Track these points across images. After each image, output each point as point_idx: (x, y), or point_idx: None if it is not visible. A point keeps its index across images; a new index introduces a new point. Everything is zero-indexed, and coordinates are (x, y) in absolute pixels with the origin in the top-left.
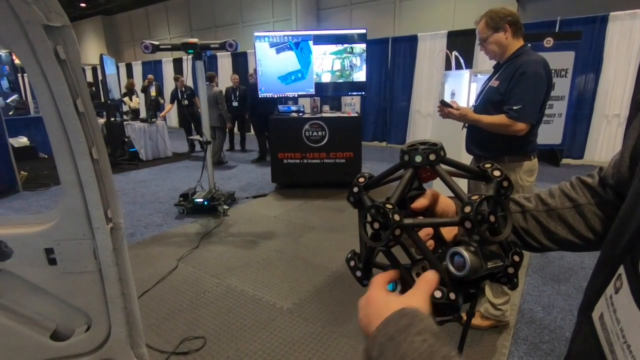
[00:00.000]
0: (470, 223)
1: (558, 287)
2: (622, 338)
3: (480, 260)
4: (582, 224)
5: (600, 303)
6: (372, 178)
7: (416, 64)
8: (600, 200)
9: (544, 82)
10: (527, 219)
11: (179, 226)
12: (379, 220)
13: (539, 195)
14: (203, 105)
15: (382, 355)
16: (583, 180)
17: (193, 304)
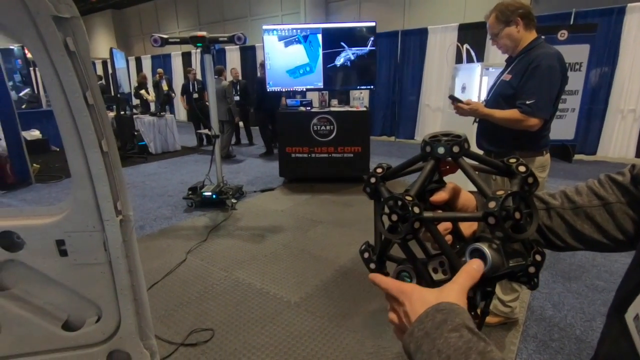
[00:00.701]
0: (494, 219)
1: (569, 284)
2: None
3: (502, 258)
4: (611, 224)
5: (636, 304)
6: (390, 169)
7: (426, 58)
8: (632, 198)
9: (558, 75)
10: (552, 216)
11: (188, 219)
12: (398, 212)
13: (565, 192)
14: (211, 99)
15: (419, 349)
16: (613, 177)
17: (201, 296)
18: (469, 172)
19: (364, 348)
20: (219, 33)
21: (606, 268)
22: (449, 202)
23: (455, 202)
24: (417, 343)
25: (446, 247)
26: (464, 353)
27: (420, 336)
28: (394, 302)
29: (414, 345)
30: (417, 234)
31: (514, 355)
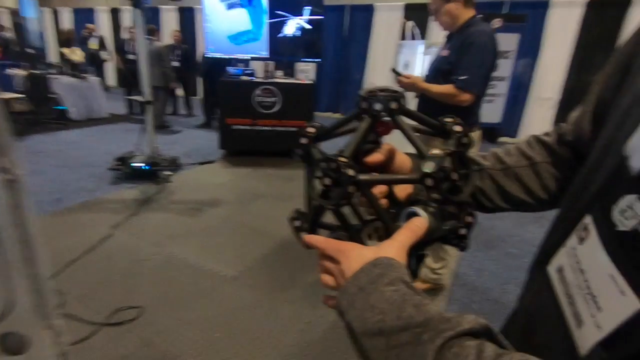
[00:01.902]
0: (432, 180)
1: (489, 253)
2: (586, 289)
3: (438, 221)
4: (537, 183)
5: (560, 256)
6: (323, 129)
7: (372, 35)
8: (556, 158)
9: (490, 53)
10: (484, 177)
11: (115, 192)
12: (331, 175)
13: (496, 153)
14: (142, 62)
15: (352, 306)
16: (539, 138)
17: (129, 273)
18: (407, 130)
19: (302, 318)
20: None
21: (520, 238)
22: (385, 163)
23: (391, 164)
24: (350, 300)
25: (382, 211)
26: (398, 306)
27: (353, 292)
28: (329, 262)
29: (346, 303)
30: (351, 198)
31: None
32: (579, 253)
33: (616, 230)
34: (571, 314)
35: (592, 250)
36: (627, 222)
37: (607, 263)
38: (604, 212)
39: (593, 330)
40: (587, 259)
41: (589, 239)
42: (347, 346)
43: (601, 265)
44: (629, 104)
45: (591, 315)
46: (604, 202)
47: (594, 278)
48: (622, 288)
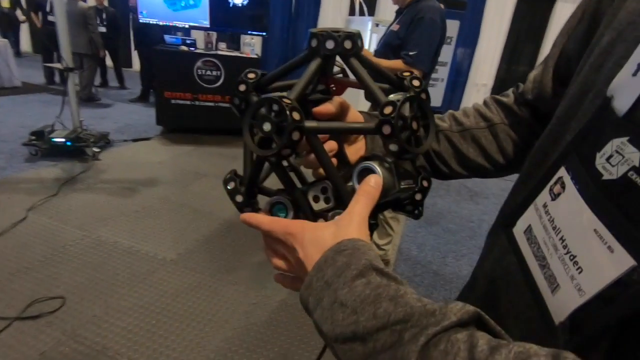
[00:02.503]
0: (390, 128)
1: (430, 228)
2: (562, 249)
3: (394, 178)
4: (494, 145)
5: (527, 216)
6: (265, 75)
7: (320, 11)
8: (515, 119)
9: (438, 29)
10: (440, 140)
11: (30, 170)
12: (272, 119)
13: (453, 114)
14: (60, 23)
15: (319, 304)
16: (498, 99)
17: (48, 260)
18: (361, 73)
19: (248, 299)
20: None
21: (457, 214)
22: (335, 118)
23: (343, 120)
24: (317, 297)
25: (331, 167)
26: (372, 302)
27: (320, 287)
28: (279, 246)
29: (313, 300)
30: (295, 148)
31: None
32: (552, 210)
33: (602, 179)
34: (543, 279)
35: (569, 205)
36: (614, 168)
37: (591, 217)
38: (585, 161)
39: (572, 295)
40: (563, 215)
41: (565, 193)
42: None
43: (582, 221)
44: (609, 42)
45: (570, 277)
46: (584, 151)
47: (572, 236)
48: (610, 244)
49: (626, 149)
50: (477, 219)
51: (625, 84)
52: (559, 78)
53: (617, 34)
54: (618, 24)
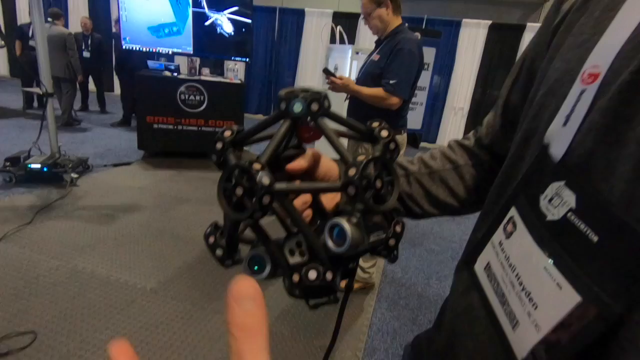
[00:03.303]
0: (355, 189)
1: (414, 250)
2: (518, 286)
3: (363, 233)
4: (461, 185)
5: (486, 253)
6: (242, 132)
7: (302, 39)
8: (477, 160)
9: (416, 59)
10: (411, 182)
11: (3, 197)
12: (244, 184)
13: (422, 157)
14: (40, 48)
15: None
16: (460, 142)
17: (19, 292)
18: (329, 134)
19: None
20: None
21: (440, 235)
22: (309, 171)
23: (316, 171)
24: None
25: (302, 224)
26: None
27: None
28: None
29: None
30: (267, 210)
31: (370, 315)
32: (507, 247)
33: (546, 220)
34: (504, 315)
35: (521, 243)
36: (555, 210)
37: (540, 255)
38: (531, 202)
39: (530, 331)
40: (517, 253)
41: (517, 231)
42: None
43: (533, 259)
44: (543, 94)
45: (527, 314)
46: (530, 193)
47: (526, 273)
48: (558, 281)
49: (564, 192)
50: (459, 239)
51: (558, 134)
52: (508, 124)
53: (548, 89)
54: (548, 80)
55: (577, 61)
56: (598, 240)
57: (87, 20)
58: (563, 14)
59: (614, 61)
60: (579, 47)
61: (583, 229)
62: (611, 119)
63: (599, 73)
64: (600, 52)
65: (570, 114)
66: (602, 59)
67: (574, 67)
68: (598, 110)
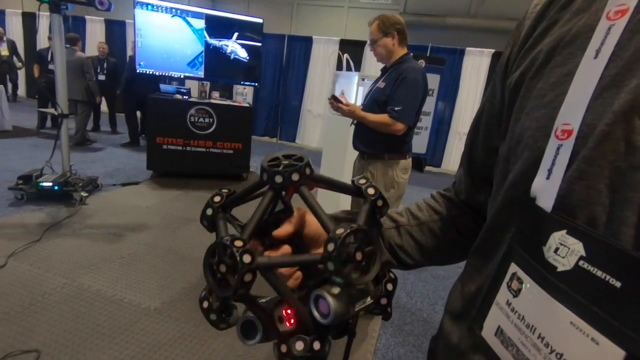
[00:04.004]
0: (333, 265)
1: (419, 275)
2: (545, 348)
3: (346, 304)
4: (449, 236)
5: (493, 316)
6: (231, 196)
7: (310, 65)
8: (459, 212)
9: (421, 88)
10: (402, 234)
11: (14, 215)
12: (226, 262)
13: (409, 209)
14: (58, 71)
15: None
16: (442, 194)
17: (25, 310)
18: (311, 202)
19: (233, 351)
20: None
21: None
22: (298, 232)
23: (304, 231)
24: None
25: (287, 295)
26: None
27: None
28: None
29: None
30: (249, 286)
31: (375, 341)
32: (518, 307)
33: (557, 271)
34: None
35: (534, 300)
36: (565, 260)
37: (562, 310)
38: (534, 256)
39: None
40: (533, 312)
41: (526, 288)
42: None
43: (554, 315)
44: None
45: None
46: (529, 246)
47: (550, 332)
48: (593, 335)
49: (568, 241)
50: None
51: (543, 187)
52: (477, 180)
53: (522, 145)
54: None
55: (547, 119)
56: (622, 286)
57: (104, 45)
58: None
59: (584, 116)
60: (545, 107)
61: (601, 276)
62: (598, 167)
63: (572, 129)
64: (568, 110)
65: (552, 167)
66: (573, 116)
67: (545, 124)
68: (583, 159)
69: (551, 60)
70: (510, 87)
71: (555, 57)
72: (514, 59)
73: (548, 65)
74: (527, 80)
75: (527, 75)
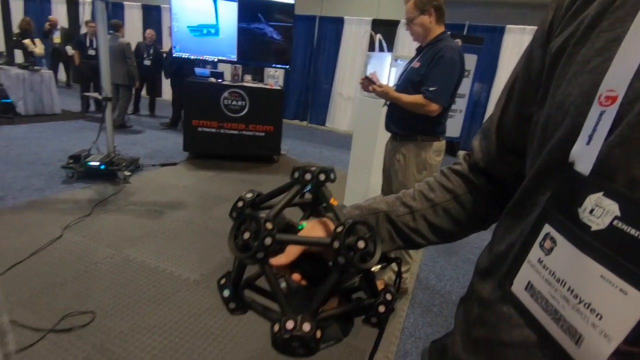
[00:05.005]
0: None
1: (449, 258)
2: (574, 299)
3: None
4: (462, 214)
5: (524, 273)
6: (260, 195)
7: (341, 47)
8: (473, 186)
9: (457, 68)
10: (417, 219)
11: (67, 191)
12: (251, 229)
13: (421, 191)
14: (103, 56)
15: None
16: (454, 169)
17: (80, 276)
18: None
19: (267, 322)
20: None
21: (477, 244)
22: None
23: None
24: None
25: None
26: None
27: None
28: None
29: None
30: (267, 250)
31: (403, 320)
32: (550, 264)
33: (591, 231)
34: (562, 332)
35: (567, 257)
36: (599, 219)
37: (593, 265)
38: (569, 217)
39: (600, 343)
40: (564, 268)
41: (558, 246)
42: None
43: (586, 270)
44: (556, 116)
45: (592, 325)
46: (564, 208)
47: (580, 285)
48: (621, 287)
49: (604, 202)
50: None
51: (582, 152)
52: (503, 148)
53: (563, 111)
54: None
55: (591, 85)
56: None
57: (152, 32)
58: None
59: (631, 82)
60: (589, 73)
61: (634, 234)
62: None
63: (616, 96)
64: (614, 77)
65: (593, 133)
66: (618, 83)
67: (589, 90)
68: (627, 125)
69: (598, 25)
70: (552, 52)
71: (602, 22)
72: (557, 23)
73: (594, 31)
74: (570, 46)
75: (571, 40)
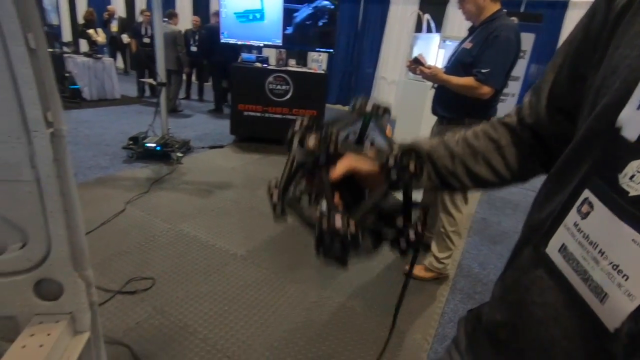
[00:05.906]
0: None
1: (494, 247)
2: (604, 261)
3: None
4: (502, 164)
5: (559, 235)
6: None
7: (386, 29)
8: (518, 139)
9: (513, 48)
10: (456, 163)
11: (127, 170)
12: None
13: (466, 138)
14: (158, 44)
15: None
16: (502, 121)
17: (142, 246)
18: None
19: (308, 297)
20: None
21: None
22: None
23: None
24: None
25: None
26: None
27: None
28: None
29: None
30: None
31: (442, 305)
32: (585, 227)
33: (629, 196)
34: (589, 291)
35: (601, 221)
36: (638, 186)
37: (627, 230)
38: (609, 182)
39: (623, 301)
40: (598, 231)
41: (595, 211)
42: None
43: (618, 233)
44: (611, 79)
45: (617, 285)
46: (605, 174)
47: (611, 248)
48: None
49: None
50: None
51: (631, 117)
52: (553, 109)
53: (618, 74)
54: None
55: None
56: None
57: (197, 18)
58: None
59: None
60: None
61: None
62: None
63: None
64: None
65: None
66: None
67: None
68: None
69: None
70: (617, 9)
71: None
72: None
73: None
74: (635, 4)
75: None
